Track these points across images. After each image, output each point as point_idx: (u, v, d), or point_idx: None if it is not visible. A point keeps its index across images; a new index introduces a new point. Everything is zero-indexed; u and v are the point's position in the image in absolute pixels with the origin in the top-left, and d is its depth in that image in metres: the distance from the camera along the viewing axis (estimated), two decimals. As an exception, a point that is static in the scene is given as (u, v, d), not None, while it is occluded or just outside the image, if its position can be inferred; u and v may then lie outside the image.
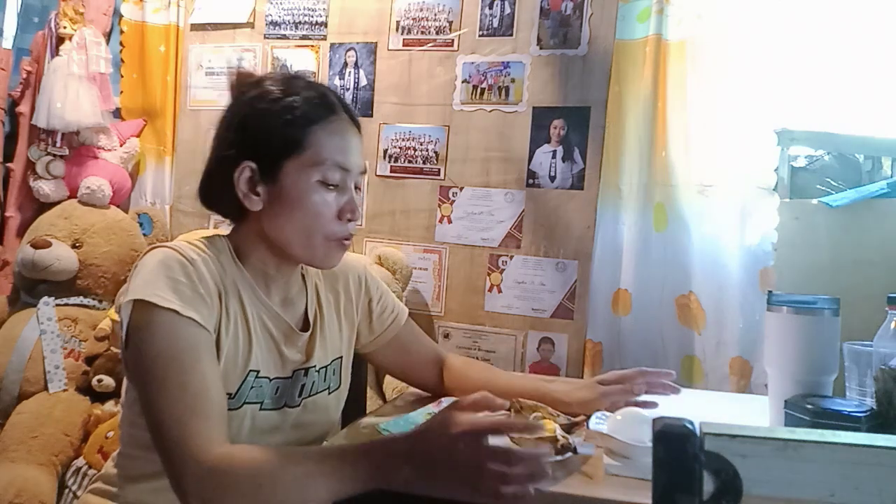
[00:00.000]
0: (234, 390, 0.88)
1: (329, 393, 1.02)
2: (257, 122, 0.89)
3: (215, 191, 0.93)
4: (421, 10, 1.98)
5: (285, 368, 0.95)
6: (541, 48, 1.87)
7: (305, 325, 1.00)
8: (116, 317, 1.91)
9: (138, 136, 2.23)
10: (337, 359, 1.04)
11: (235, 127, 0.91)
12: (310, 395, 0.98)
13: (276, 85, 0.92)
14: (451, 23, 1.95)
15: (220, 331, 0.86)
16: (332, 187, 0.89)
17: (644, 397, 1.04)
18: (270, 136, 0.88)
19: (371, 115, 1.99)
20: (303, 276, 1.02)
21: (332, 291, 1.06)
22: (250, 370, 0.90)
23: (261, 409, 0.91)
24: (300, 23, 2.10)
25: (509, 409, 0.98)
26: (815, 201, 1.65)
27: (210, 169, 0.94)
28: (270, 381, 0.92)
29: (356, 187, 0.93)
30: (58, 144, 2.09)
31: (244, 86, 0.93)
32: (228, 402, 0.87)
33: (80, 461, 1.76)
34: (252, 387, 0.90)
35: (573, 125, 1.83)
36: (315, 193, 0.88)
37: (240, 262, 0.92)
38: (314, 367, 0.98)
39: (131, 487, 0.90)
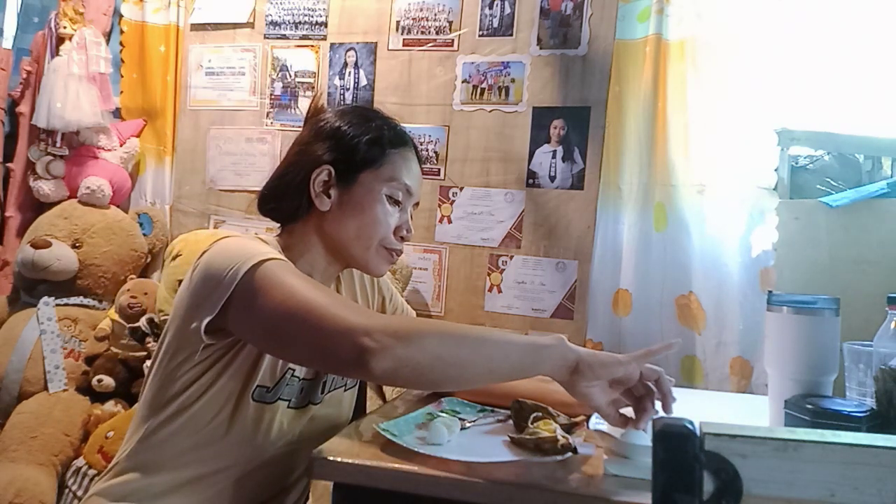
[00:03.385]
0: (272, 385, 0.93)
1: (345, 390, 1.08)
2: (344, 136, 1.00)
3: (285, 190, 1.00)
4: (421, 10, 1.98)
5: (311, 370, 0.99)
6: (541, 48, 1.87)
7: None
8: (116, 317, 1.92)
9: (138, 136, 2.23)
10: None
11: (322, 137, 1.01)
12: (329, 391, 1.03)
13: (361, 111, 1.06)
14: (451, 23, 1.95)
15: None
16: (395, 204, 1.00)
17: None
18: (355, 149, 0.99)
19: (371, 115, 2.00)
20: None
21: (350, 292, 1.13)
22: (288, 367, 0.94)
23: (288, 407, 0.96)
24: (300, 23, 2.10)
25: (509, 409, 0.99)
26: (815, 201, 1.65)
27: (286, 170, 1.02)
28: (300, 380, 0.97)
29: (410, 214, 1.05)
30: (58, 144, 2.09)
31: (321, 113, 1.05)
32: (265, 394, 0.92)
33: (80, 461, 1.76)
34: (287, 384, 0.95)
35: (573, 125, 1.83)
36: (381, 204, 0.99)
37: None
38: None
39: (158, 479, 0.91)
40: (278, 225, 1.05)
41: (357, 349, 0.74)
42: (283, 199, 1.01)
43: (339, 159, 0.98)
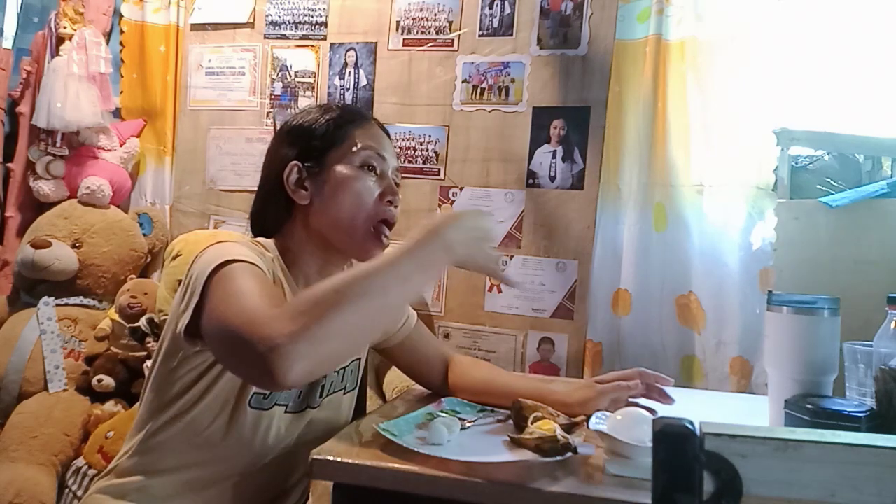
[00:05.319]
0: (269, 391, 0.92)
1: (344, 393, 1.07)
2: (301, 129, 1.01)
3: (266, 201, 1.02)
4: (421, 10, 1.98)
5: None
6: (541, 48, 1.87)
7: None
8: (116, 317, 1.92)
9: (138, 136, 2.23)
10: (355, 360, 1.07)
11: (282, 140, 1.03)
12: (327, 395, 1.02)
13: (314, 105, 1.07)
14: (451, 23, 1.95)
15: None
16: (372, 171, 0.99)
17: (641, 402, 1.05)
18: (313, 136, 1.00)
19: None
20: None
21: None
22: None
23: (286, 412, 0.96)
24: (300, 23, 2.10)
25: (509, 409, 0.99)
26: (814, 201, 1.65)
27: (261, 184, 1.04)
28: None
29: (396, 184, 1.03)
30: (58, 144, 2.09)
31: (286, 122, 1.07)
32: (262, 400, 0.92)
33: (80, 461, 1.76)
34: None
35: (573, 125, 1.83)
36: (358, 179, 0.98)
37: (287, 268, 0.98)
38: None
39: (158, 481, 0.91)
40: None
41: (268, 372, 0.69)
42: (267, 211, 1.02)
43: (304, 151, 0.99)
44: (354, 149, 0.99)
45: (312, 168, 0.98)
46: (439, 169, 1.94)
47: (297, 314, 0.71)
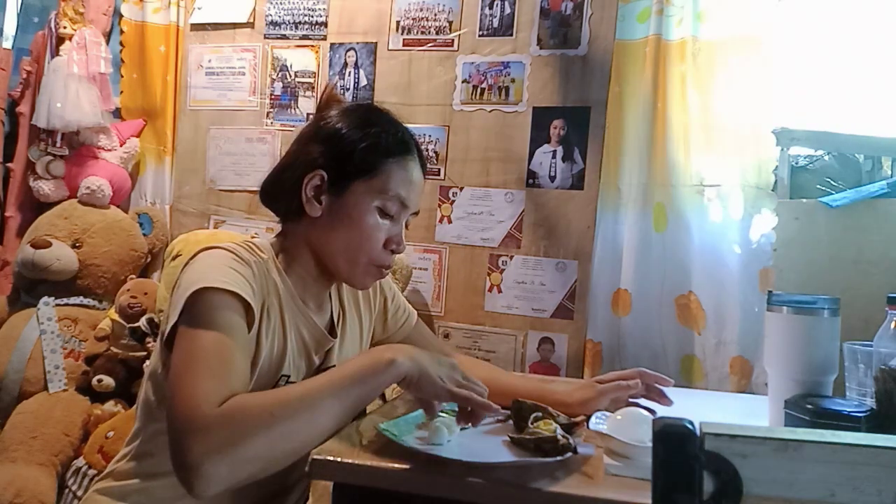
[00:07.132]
0: None
1: None
2: (340, 140, 0.96)
3: (281, 189, 0.98)
4: (421, 10, 1.98)
5: (310, 373, 0.99)
6: (541, 48, 1.87)
7: (332, 330, 1.04)
8: (116, 317, 1.91)
9: (138, 136, 2.23)
10: None
11: (320, 139, 0.97)
12: None
13: (364, 113, 1.00)
14: (451, 23, 1.95)
15: (260, 333, 0.90)
16: (387, 217, 0.96)
17: (642, 402, 1.05)
18: (349, 156, 0.94)
19: (371, 115, 2.00)
20: None
21: (352, 292, 1.11)
22: (282, 375, 0.93)
23: None
24: (300, 23, 2.10)
25: (509, 409, 0.99)
26: (814, 201, 1.65)
27: (284, 167, 1.00)
28: None
29: (406, 224, 1.01)
30: (58, 144, 2.09)
31: (333, 107, 1.01)
32: None
33: (80, 461, 1.76)
34: None
35: (573, 125, 1.83)
36: (371, 217, 0.95)
37: (283, 269, 0.96)
38: (333, 366, 1.00)
39: (156, 484, 0.91)
40: (278, 221, 1.03)
41: (188, 483, 0.70)
42: (278, 198, 1.00)
43: (333, 165, 0.95)
44: (381, 188, 0.95)
45: (334, 186, 0.95)
46: (439, 169, 1.94)
47: (227, 431, 0.71)
